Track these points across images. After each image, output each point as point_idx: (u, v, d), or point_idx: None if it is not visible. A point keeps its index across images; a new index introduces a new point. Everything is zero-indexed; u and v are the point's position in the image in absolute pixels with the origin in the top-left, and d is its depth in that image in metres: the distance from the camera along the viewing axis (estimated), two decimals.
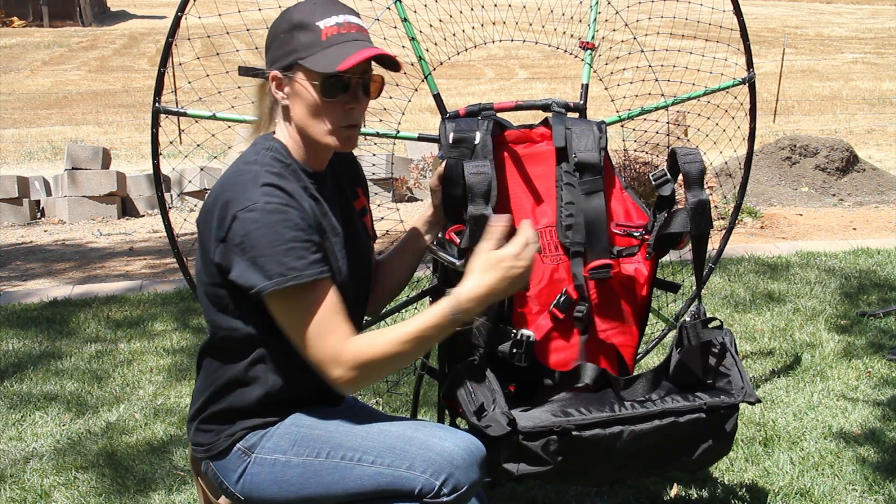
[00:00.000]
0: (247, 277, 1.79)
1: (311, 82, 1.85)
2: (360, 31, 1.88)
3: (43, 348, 4.06)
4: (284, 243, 1.77)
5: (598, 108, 4.28)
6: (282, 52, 1.88)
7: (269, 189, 1.81)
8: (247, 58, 3.07)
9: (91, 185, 8.54)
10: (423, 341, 1.84)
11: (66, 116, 15.94)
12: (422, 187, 8.95)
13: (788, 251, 5.50)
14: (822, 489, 2.73)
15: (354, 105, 1.88)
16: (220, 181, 1.90)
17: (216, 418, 1.96)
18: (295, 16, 1.88)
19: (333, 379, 1.82)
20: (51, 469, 2.98)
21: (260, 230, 1.77)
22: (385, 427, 1.89)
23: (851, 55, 24.30)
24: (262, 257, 1.77)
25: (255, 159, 1.89)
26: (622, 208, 2.40)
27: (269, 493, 1.91)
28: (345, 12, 1.88)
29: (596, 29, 2.88)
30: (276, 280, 1.76)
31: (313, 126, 1.89)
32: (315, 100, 1.86)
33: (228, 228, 1.80)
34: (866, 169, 8.41)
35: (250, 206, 1.78)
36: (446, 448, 1.80)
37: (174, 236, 2.98)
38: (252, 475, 1.92)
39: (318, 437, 1.89)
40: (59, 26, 33.64)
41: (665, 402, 2.11)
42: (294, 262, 1.77)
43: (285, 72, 1.88)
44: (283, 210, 1.79)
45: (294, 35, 1.87)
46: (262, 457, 1.91)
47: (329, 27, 1.85)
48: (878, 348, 3.87)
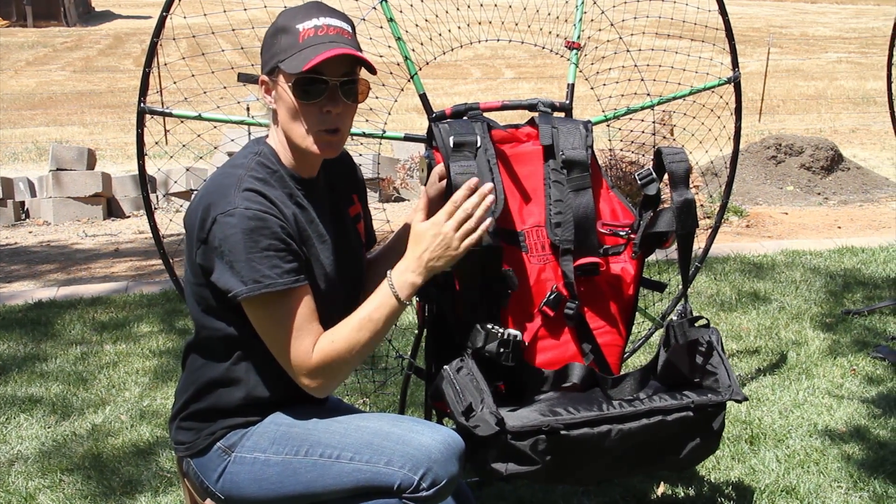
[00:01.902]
0: (225, 281, 1.81)
1: (288, 84, 1.86)
2: (338, 34, 1.88)
3: (27, 350, 4.04)
4: (260, 251, 1.79)
5: (585, 108, 4.28)
6: (267, 56, 1.90)
7: (250, 195, 1.82)
8: (232, 58, 3.07)
9: (76, 185, 8.50)
10: (377, 323, 1.88)
11: (50, 117, 15.85)
12: (409, 187, 8.94)
13: (774, 250, 5.53)
14: (807, 486, 2.74)
15: (331, 108, 1.88)
16: (206, 183, 1.91)
17: (197, 417, 1.98)
18: (280, 20, 1.90)
19: (304, 385, 1.87)
20: (36, 471, 2.96)
21: (237, 235, 1.79)
22: (363, 423, 1.91)
23: (836, 55, 24.43)
24: (238, 262, 1.79)
25: (242, 163, 1.91)
26: (609, 208, 2.40)
27: (249, 492, 1.93)
28: (327, 15, 1.89)
29: (582, 28, 2.88)
30: (250, 287, 1.79)
31: (293, 129, 1.90)
32: (292, 102, 1.87)
33: (209, 231, 1.81)
34: (851, 168, 8.46)
35: (230, 210, 1.80)
36: (424, 442, 1.82)
37: (160, 237, 2.97)
38: (232, 474, 1.93)
39: (296, 436, 1.90)
40: (44, 26, 33.45)
41: (653, 401, 2.12)
42: (268, 271, 1.79)
43: (270, 75, 1.90)
44: (261, 217, 1.80)
45: (277, 39, 1.88)
46: (241, 455, 1.93)
47: (307, 29, 1.86)
48: (863, 346, 3.90)
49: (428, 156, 2.30)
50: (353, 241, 2.11)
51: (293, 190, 1.93)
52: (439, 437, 1.84)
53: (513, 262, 2.27)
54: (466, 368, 2.04)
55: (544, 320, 2.31)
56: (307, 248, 1.92)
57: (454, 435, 1.87)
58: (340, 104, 1.89)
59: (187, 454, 1.99)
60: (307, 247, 1.92)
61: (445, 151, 2.19)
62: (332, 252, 1.97)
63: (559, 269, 2.32)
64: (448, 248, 1.90)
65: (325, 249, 1.96)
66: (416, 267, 1.91)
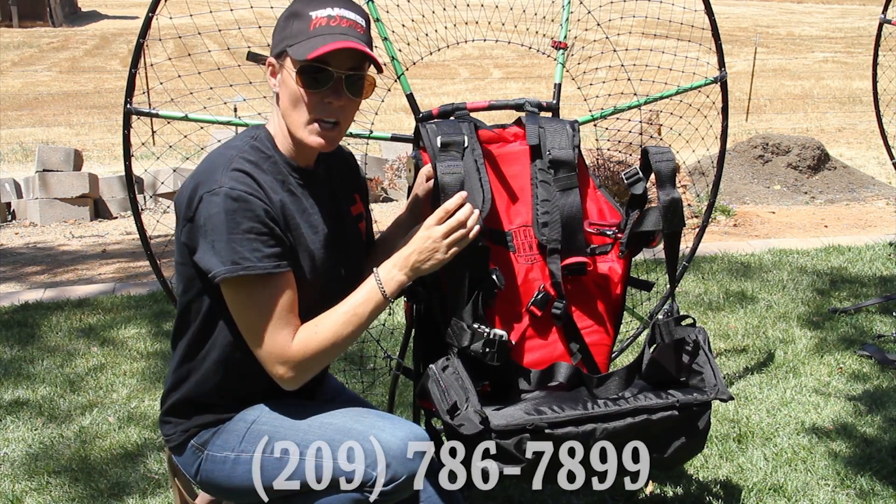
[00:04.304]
0: (206, 260, 1.81)
1: (293, 70, 1.86)
2: (351, 26, 1.87)
3: (14, 352, 4.02)
4: (241, 232, 1.79)
5: (572, 108, 4.29)
6: (277, 38, 1.90)
7: (237, 175, 1.83)
8: (219, 59, 3.06)
9: (63, 187, 8.46)
10: (361, 317, 1.90)
11: (36, 118, 15.76)
12: (396, 187, 8.94)
13: (761, 249, 5.55)
14: (795, 484, 2.75)
15: (333, 100, 1.88)
16: (199, 164, 1.92)
17: (175, 410, 2.01)
18: (295, 4, 1.90)
19: (278, 376, 1.88)
20: (22, 474, 2.94)
21: (219, 215, 1.79)
22: (327, 419, 1.92)
23: (822, 54, 24.52)
24: (219, 242, 1.79)
25: (237, 145, 1.91)
26: (596, 207, 2.40)
27: (223, 488, 1.98)
28: (342, 6, 1.88)
29: (568, 28, 2.89)
30: (229, 268, 1.79)
31: (292, 116, 1.90)
32: (296, 88, 1.87)
33: (195, 209, 1.82)
34: (837, 167, 8.49)
35: (216, 189, 1.80)
36: (384, 439, 1.83)
37: (147, 238, 2.95)
38: (206, 472, 1.98)
39: (263, 433, 1.93)
40: (29, 26, 33.26)
41: (638, 400, 2.12)
42: (248, 253, 1.79)
43: (277, 58, 1.90)
44: (245, 198, 1.80)
45: (289, 23, 1.88)
46: (212, 454, 1.97)
47: (319, 17, 1.86)
48: (850, 344, 3.92)
49: (415, 156, 2.30)
50: (351, 238, 2.11)
51: (287, 177, 1.93)
52: (401, 433, 1.86)
53: (500, 261, 2.27)
54: (452, 367, 2.04)
55: (532, 320, 2.31)
56: (294, 236, 1.91)
57: (417, 430, 1.89)
58: (343, 97, 1.89)
59: (170, 446, 2.04)
60: (294, 235, 1.91)
61: (432, 151, 2.19)
62: (323, 244, 1.97)
63: (546, 269, 2.32)
64: (436, 251, 1.94)
65: (315, 240, 1.96)
66: (403, 266, 1.94)
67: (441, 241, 1.94)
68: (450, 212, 1.96)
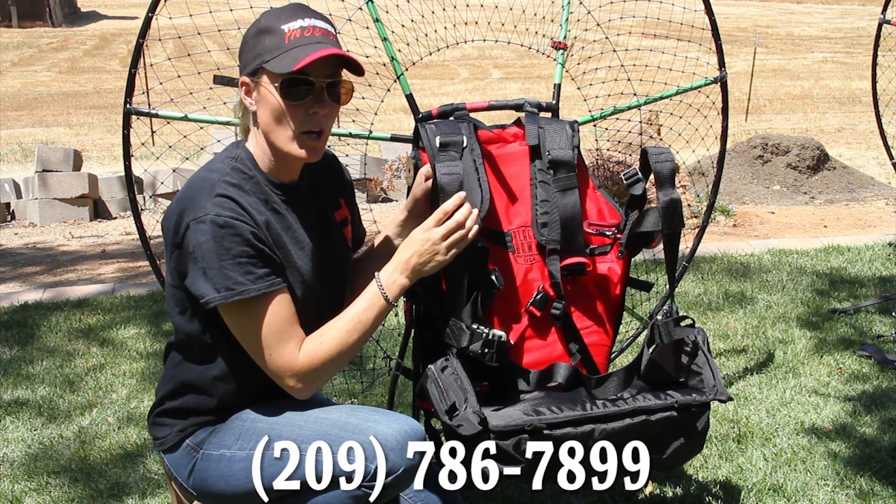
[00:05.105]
0: (198, 286, 1.82)
1: (273, 85, 1.86)
2: (324, 35, 1.88)
3: (14, 353, 4.02)
4: (232, 258, 1.80)
5: (571, 108, 4.29)
6: (249, 56, 1.89)
7: (221, 200, 1.83)
8: (219, 59, 3.06)
9: (62, 187, 8.46)
10: (365, 324, 1.91)
11: (36, 118, 15.75)
12: (396, 188, 8.94)
13: (761, 249, 5.55)
14: (794, 485, 2.75)
15: (318, 109, 1.88)
16: (183, 187, 1.93)
17: (170, 414, 2.01)
18: (263, 21, 1.90)
19: (290, 388, 1.89)
20: (22, 474, 2.94)
21: (208, 242, 1.80)
22: (322, 415, 1.93)
23: (822, 54, 24.52)
24: (211, 269, 1.80)
25: (218, 168, 1.92)
26: (595, 208, 2.40)
27: (217, 488, 1.97)
28: (312, 16, 1.89)
29: (568, 29, 2.89)
30: (224, 294, 1.80)
31: (276, 132, 1.89)
32: (278, 103, 1.86)
33: (183, 236, 1.83)
34: (837, 167, 8.49)
35: (202, 216, 1.80)
36: (380, 432, 1.83)
37: (147, 238, 2.96)
38: (200, 471, 1.97)
39: (260, 431, 1.93)
40: (29, 27, 33.24)
41: (636, 401, 2.12)
42: (241, 277, 1.80)
43: (252, 77, 1.89)
44: (231, 224, 1.81)
45: (260, 39, 1.87)
46: (208, 452, 1.96)
47: (293, 30, 1.86)
48: (849, 344, 3.92)
49: (414, 156, 2.30)
50: (338, 247, 2.11)
51: (270, 195, 1.94)
52: (396, 425, 1.86)
53: (499, 262, 2.27)
54: (451, 368, 2.04)
55: (531, 320, 2.31)
56: (282, 253, 1.92)
57: (413, 424, 1.89)
58: (327, 106, 1.89)
59: (161, 449, 2.03)
60: (282, 252, 1.92)
61: (432, 152, 2.19)
62: (311, 258, 1.98)
63: (546, 270, 2.32)
64: (436, 253, 1.95)
65: (302, 256, 1.97)
66: (404, 269, 1.94)
67: (440, 242, 1.94)
68: (448, 213, 1.96)
